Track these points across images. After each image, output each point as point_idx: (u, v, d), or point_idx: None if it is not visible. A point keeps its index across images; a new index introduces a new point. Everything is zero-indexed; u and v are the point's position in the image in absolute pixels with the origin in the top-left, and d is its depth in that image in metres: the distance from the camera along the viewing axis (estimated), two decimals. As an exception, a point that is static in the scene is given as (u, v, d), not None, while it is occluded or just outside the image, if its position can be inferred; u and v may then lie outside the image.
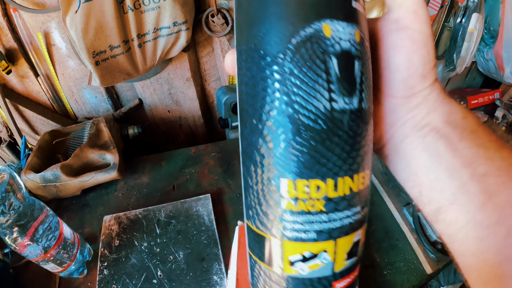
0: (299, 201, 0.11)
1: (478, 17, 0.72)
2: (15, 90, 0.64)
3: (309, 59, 0.11)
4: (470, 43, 0.75)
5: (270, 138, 0.11)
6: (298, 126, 0.11)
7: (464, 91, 0.89)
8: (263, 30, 0.11)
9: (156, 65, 0.58)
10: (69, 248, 0.44)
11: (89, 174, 0.54)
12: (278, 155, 0.11)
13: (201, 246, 0.47)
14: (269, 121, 0.11)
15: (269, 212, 0.12)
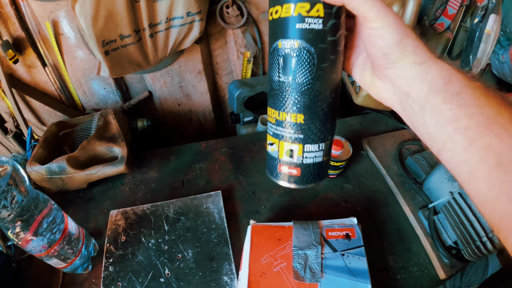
0: (268, 117, 0.25)
1: (496, 18, 0.68)
2: (22, 80, 0.61)
3: (273, 58, 0.22)
4: (487, 44, 0.71)
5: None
6: (271, 85, 0.24)
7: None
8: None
9: (167, 57, 0.54)
10: (74, 243, 0.41)
11: (96, 167, 0.51)
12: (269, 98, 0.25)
13: (211, 244, 0.44)
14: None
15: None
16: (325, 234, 0.41)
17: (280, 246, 0.40)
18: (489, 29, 0.68)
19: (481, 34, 0.69)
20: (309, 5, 0.20)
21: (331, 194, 0.50)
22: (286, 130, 0.23)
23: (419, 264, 0.41)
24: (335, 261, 0.39)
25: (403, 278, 0.40)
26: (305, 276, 0.38)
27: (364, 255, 0.39)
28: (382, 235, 0.45)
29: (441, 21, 0.65)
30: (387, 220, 0.47)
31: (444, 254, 0.42)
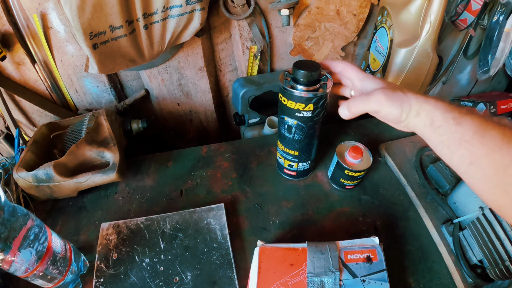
0: (279, 146, 0.43)
1: (516, 16, 0.58)
2: (11, 79, 0.53)
3: (281, 122, 0.38)
4: (506, 43, 0.62)
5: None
6: (281, 133, 0.41)
7: (490, 95, 0.77)
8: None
9: (165, 51, 0.46)
10: (60, 262, 0.34)
11: (85, 175, 0.43)
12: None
13: (212, 267, 0.36)
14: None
15: None
16: (344, 257, 0.33)
17: (292, 272, 0.33)
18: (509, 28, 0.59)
19: (501, 33, 0.60)
20: (304, 105, 0.34)
21: (348, 207, 0.42)
22: (289, 156, 0.42)
23: (441, 285, 0.35)
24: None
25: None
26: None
27: (386, 280, 0.32)
28: (402, 253, 0.38)
29: (463, 17, 0.56)
30: (408, 236, 0.40)
31: (468, 274, 0.36)
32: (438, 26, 0.44)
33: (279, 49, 0.55)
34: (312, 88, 0.33)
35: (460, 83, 0.75)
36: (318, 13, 0.49)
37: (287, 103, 0.35)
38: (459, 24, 0.57)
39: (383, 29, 0.50)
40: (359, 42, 0.57)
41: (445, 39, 0.63)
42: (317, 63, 0.33)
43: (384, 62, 0.49)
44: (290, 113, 0.36)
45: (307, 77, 0.32)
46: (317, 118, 0.36)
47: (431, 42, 0.44)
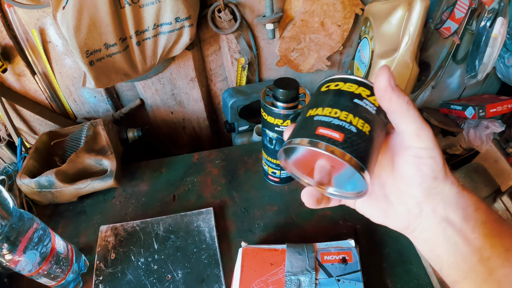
0: (264, 155, 0.47)
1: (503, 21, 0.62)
2: (12, 89, 0.57)
3: (264, 135, 0.43)
4: (494, 48, 0.65)
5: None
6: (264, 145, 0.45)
7: (481, 98, 0.80)
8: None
9: (157, 65, 0.50)
10: (63, 262, 0.38)
11: (85, 181, 0.47)
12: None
13: (201, 266, 0.41)
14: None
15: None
16: (320, 258, 0.38)
17: (272, 271, 0.37)
18: (496, 33, 0.63)
19: (488, 38, 0.63)
20: (282, 121, 0.38)
21: (329, 211, 0.46)
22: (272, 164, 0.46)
23: (419, 286, 0.38)
24: (329, 287, 0.36)
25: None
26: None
27: (361, 280, 0.36)
28: (381, 255, 0.42)
29: (447, 25, 0.59)
30: (387, 239, 0.43)
31: None
32: (417, 37, 0.48)
33: (266, 60, 0.59)
34: (290, 105, 0.36)
35: (450, 87, 0.78)
36: (303, 25, 0.52)
37: (267, 118, 0.38)
38: (443, 32, 0.61)
39: (366, 39, 0.53)
40: (345, 51, 0.61)
41: (433, 45, 0.66)
42: (296, 82, 0.36)
43: (366, 72, 0.53)
44: (270, 127, 0.39)
45: (285, 96, 0.36)
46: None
47: (410, 53, 0.48)
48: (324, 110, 0.17)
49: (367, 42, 0.53)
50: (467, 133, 0.80)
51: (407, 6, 0.47)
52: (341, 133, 0.16)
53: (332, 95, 0.18)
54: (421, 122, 0.16)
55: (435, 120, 0.73)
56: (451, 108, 0.77)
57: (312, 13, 0.52)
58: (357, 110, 0.17)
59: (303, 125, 0.18)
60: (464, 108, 0.74)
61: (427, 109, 0.75)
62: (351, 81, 0.18)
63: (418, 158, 0.17)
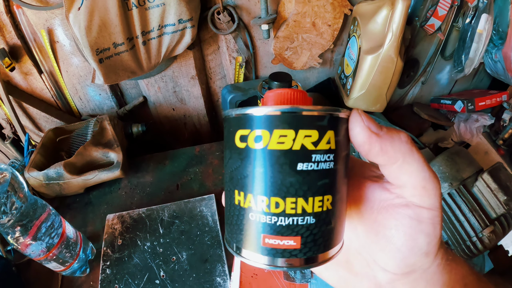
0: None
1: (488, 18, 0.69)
2: (19, 87, 0.63)
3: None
4: (479, 44, 0.73)
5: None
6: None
7: (471, 93, 0.87)
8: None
9: (161, 63, 0.56)
10: (72, 247, 0.43)
11: (92, 173, 0.53)
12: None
13: (204, 247, 0.46)
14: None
15: None
16: None
17: None
18: (481, 29, 0.70)
19: (473, 34, 0.70)
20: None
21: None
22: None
23: None
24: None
25: None
26: (295, 277, 0.40)
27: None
28: None
29: (431, 22, 0.67)
30: None
31: None
32: (400, 34, 0.55)
33: (262, 59, 0.65)
34: None
35: (440, 82, 0.85)
36: (296, 26, 0.59)
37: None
38: (427, 29, 0.68)
39: (354, 37, 0.60)
40: (336, 49, 0.68)
41: (421, 41, 0.73)
42: (289, 75, 0.43)
43: (354, 67, 0.59)
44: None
45: (279, 87, 0.42)
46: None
47: (394, 49, 0.55)
48: (258, 203, 0.12)
49: (355, 40, 0.59)
50: (457, 126, 0.87)
51: (391, 6, 0.55)
52: (296, 237, 0.12)
53: (260, 166, 0.12)
54: (428, 171, 0.13)
55: (425, 114, 0.79)
56: (441, 102, 0.84)
57: (304, 14, 0.58)
58: (308, 182, 0.12)
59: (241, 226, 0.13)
60: (453, 102, 0.81)
61: (418, 104, 0.82)
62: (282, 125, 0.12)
63: (417, 221, 0.13)
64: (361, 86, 0.57)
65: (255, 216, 0.13)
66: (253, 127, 0.12)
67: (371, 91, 0.57)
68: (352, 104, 0.60)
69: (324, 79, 0.71)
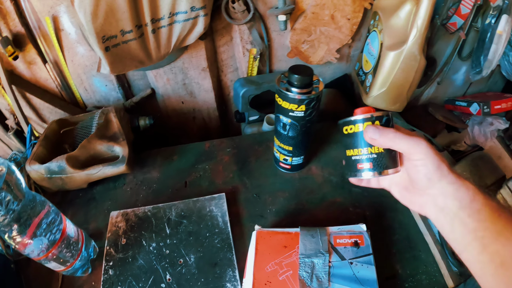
0: (276, 141, 0.49)
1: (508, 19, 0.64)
2: (23, 77, 0.58)
3: (277, 120, 0.45)
4: (498, 45, 0.67)
5: None
6: (277, 131, 0.46)
7: (486, 95, 0.82)
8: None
9: (171, 53, 0.51)
10: (73, 246, 0.39)
11: (96, 167, 0.48)
12: None
13: (214, 250, 0.41)
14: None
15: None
16: (333, 242, 0.39)
17: (286, 253, 0.38)
18: (501, 30, 0.65)
19: (493, 35, 0.65)
20: (297, 106, 0.39)
21: (339, 198, 0.47)
22: (284, 151, 0.47)
23: (427, 273, 0.39)
24: (343, 269, 0.36)
25: (411, 286, 0.38)
26: (311, 286, 0.36)
27: (373, 263, 0.37)
28: (390, 241, 0.42)
29: (453, 20, 0.62)
30: (396, 226, 0.44)
31: (453, 262, 0.40)
32: (425, 30, 0.50)
33: (277, 52, 0.60)
34: (305, 91, 0.38)
35: (455, 83, 0.80)
36: (314, 18, 0.54)
37: (282, 103, 0.40)
38: (449, 27, 0.63)
39: (374, 32, 0.55)
40: (354, 45, 0.63)
41: (439, 41, 0.68)
42: (310, 69, 0.38)
43: (375, 64, 0.54)
44: (284, 112, 0.41)
45: (300, 81, 0.37)
46: (309, 118, 0.41)
47: (418, 46, 0.50)
48: (355, 151, 0.29)
49: (376, 35, 0.54)
50: (471, 129, 0.82)
51: (415, 0, 0.50)
52: (370, 163, 0.28)
53: (353, 138, 0.28)
54: (411, 142, 0.24)
55: (440, 116, 0.74)
56: (456, 104, 0.79)
57: (323, 6, 0.53)
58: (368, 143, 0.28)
59: (350, 163, 0.30)
60: (469, 104, 0.76)
61: (433, 105, 0.77)
62: (357, 121, 0.28)
63: (414, 166, 0.25)
64: (381, 83, 0.53)
65: (354, 157, 0.29)
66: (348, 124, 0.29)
67: (391, 90, 0.52)
68: (371, 102, 0.55)
69: (339, 75, 0.66)
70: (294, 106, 0.39)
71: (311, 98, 0.39)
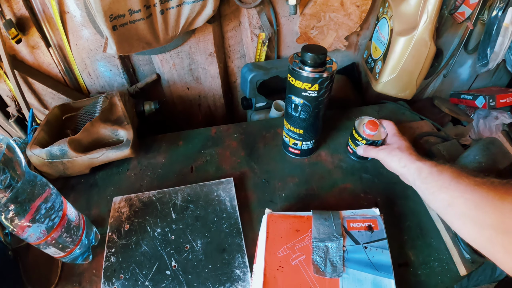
0: (286, 125, 0.48)
1: (514, 12, 0.63)
2: (25, 62, 0.56)
3: (288, 101, 0.43)
4: (505, 38, 0.67)
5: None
6: (288, 112, 0.46)
7: (491, 90, 0.81)
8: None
9: (178, 36, 0.50)
10: (73, 231, 0.36)
11: (99, 151, 0.46)
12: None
13: (222, 235, 0.39)
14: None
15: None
16: (347, 226, 0.37)
17: (298, 237, 0.36)
18: (508, 23, 0.64)
19: (499, 27, 0.64)
20: (310, 85, 0.38)
21: (350, 184, 0.45)
22: (294, 135, 0.46)
23: (439, 260, 0.38)
24: (357, 254, 0.34)
25: (424, 274, 0.36)
26: (325, 270, 0.34)
27: (387, 248, 0.35)
28: (402, 228, 0.41)
29: (462, 10, 0.61)
30: (408, 213, 0.43)
31: (465, 249, 0.39)
32: (435, 16, 0.49)
33: (285, 37, 0.59)
34: (319, 70, 0.37)
35: (461, 77, 0.79)
36: (323, 4, 0.53)
37: (295, 83, 0.39)
38: (457, 17, 0.62)
39: (384, 19, 0.54)
40: (362, 33, 0.62)
41: (446, 32, 0.68)
42: (324, 48, 0.37)
43: (384, 50, 0.53)
44: (297, 93, 0.39)
45: (314, 60, 0.36)
46: (322, 98, 0.40)
47: (429, 32, 0.49)
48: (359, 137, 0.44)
49: (386, 21, 0.53)
50: (476, 123, 0.81)
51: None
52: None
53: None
54: (384, 152, 0.41)
55: (446, 108, 0.73)
56: (462, 97, 0.78)
57: (332, -8, 0.52)
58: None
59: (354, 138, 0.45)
60: (474, 97, 0.75)
61: (438, 98, 0.76)
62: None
63: (390, 162, 0.40)
64: (392, 69, 0.51)
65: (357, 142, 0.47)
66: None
67: (401, 76, 0.51)
68: (381, 89, 0.53)
69: (347, 63, 0.65)
70: (307, 86, 0.38)
71: (325, 77, 0.37)
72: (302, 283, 0.32)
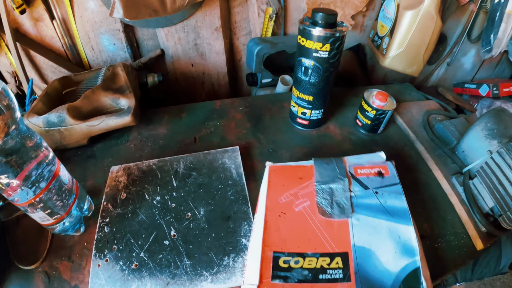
0: (294, 92, 0.46)
1: (516, -2, 0.63)
2: (28, 35, 0.55)
3: (298, 65, 0.41)
4: (508, 24, 0.66)
5: None
6: (297, 78, 0.44)
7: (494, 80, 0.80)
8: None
9: (186, 6, 0.48)
10: (65, 194, 0.32)
11: (99, 118, 0.43)
12: None
13: (227, 202, 0.36)
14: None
15: None
16: (354, 172, 0.33)
17: (302, 184, 0.32)
18: (510, 9, 0.64)
19: (502, 14, 0.64)
20: (322, 44, 0.36)
21: (361, 156, 0.42)
22: (303, 103, 0.43)
23: (455, 234, 0.36)
24: (367, 199, 0.31)
25: (441, 247, 0.34)
26: (332, 212, 0.30)
27: (402, 193, 0.32)
28: (415, 201, 0.38)
29: (466, -8, 0.60)
30: (419, 186, 0.40)
31: (481, 221, 0.36)
32: (442, -9, 0.48)
33: (292, 14, 0.58)
34: (330, 30, 0.36)
35: (464, 66, 0.78)
36: (331, -19, 0.53)
37: (306, 43, 0.37)
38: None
39: (391, -3, 0.54)
40: (368, 13, 0.61)
41: (450, 18, 0.67)
42: (334, 10, 0.36)
43: (391, 26, 0.52)
44: (307, 54, 0.38)
45: (325, 19, 0.35)
46: (333, 61, 0.38)
47: (435, 5, 0.48)
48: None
49: (393, -1, 0.53)
50: (480, 113, 0.79)
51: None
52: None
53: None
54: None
55: (450, 96, 0.72)
56: (465, 87, 0.77)
57: (339, -30, 0.52)
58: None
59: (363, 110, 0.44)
60: (478, 86, 0.74)
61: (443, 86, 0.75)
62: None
63: None
64: (399, 43, 0.50)
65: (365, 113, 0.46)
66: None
67: (409, 50, 0.50)
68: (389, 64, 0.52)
69: (352, 44, 0.64)
70: (318, 45, 0.36)
71: (336, 37, 0.36)
72: (307, 229, 0.29)
